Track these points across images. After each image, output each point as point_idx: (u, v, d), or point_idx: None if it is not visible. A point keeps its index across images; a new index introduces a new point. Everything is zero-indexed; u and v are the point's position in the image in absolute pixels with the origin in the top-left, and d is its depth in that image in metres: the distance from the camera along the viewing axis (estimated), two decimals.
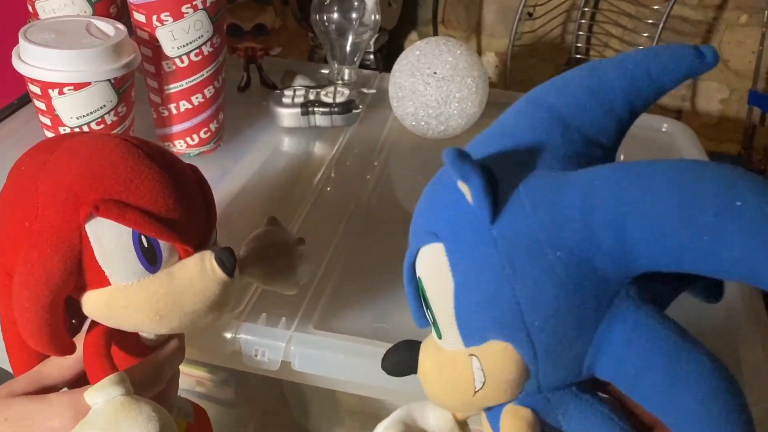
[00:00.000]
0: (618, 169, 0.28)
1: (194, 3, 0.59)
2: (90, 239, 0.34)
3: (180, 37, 0.60)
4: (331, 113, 0.73)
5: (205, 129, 0.66)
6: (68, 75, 0.55)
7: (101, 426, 0.32)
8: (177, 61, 0.62)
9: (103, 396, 0.33)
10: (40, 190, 0.34)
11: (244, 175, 0.68)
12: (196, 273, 0.35)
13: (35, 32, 0.56)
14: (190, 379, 0.60)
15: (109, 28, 0.58)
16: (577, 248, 0.28)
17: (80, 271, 0.34)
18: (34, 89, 0.56)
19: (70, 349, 0.35)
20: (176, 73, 0.62)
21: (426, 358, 0.35)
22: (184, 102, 0.64)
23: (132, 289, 0.34)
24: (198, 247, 0.36)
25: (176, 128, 0.66)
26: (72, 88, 0.55)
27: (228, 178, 0.67)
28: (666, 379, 0.27)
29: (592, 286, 0.28)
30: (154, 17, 0.59)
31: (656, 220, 0.26)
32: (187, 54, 0.61)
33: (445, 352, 0.33)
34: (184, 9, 0.59)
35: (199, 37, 0.61)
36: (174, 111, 0.64)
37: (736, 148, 1.01)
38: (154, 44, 0.61)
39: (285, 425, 0.64)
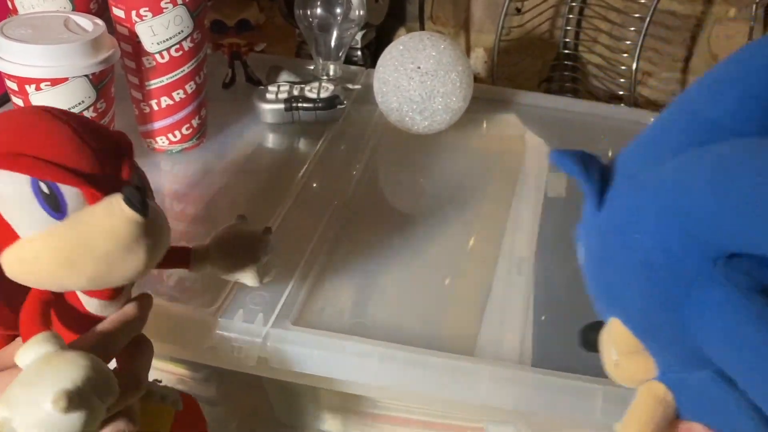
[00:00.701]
0: (697, 157, 0.28)
1: None
2: None
3: (160, 32, 0.60)
4: (315, 109, 0.73)
5: (187, 125, 0.66)
6: (45, 70, 0.54)
7: (26, 382, 0.30)
8: (157, 56, 0.61)
9: (32, 354, 0.31)
10: None
11: (227, 171, 0.68)
12: (104, 213, 0.34)
13: (12, 28, 0.56)
14: (172, 377, 0.60)
15: (87, 23, 0.58)
16: (658, 233, 0.28)
17: None
18: (11, 85, 0.56)
19: (14, 325, 0.34)
20: (157, 68, 0.62)
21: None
22: (165, 98, 0.63)
23: (40, 239, 0.33)
24: (105, 191, 0.34)
25: (158, 125, 0.65)
26: (49, 83, 0.55)
27: (211, 174, 0.67)
28: (760, 360, 0.26)
29: (676, 269, 0.28)
30: (133, 12, 0.59)
31: (732, 205, 0.26)
32: (168, 50, 0.61)
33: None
34: (163, 4, 0.59)
35: (179, 33, 0.60)
36: (155, 107, 0.64)
37: None
38: (133, 40, 0.60)
39: (268, 423, 0.63)
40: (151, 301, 0.40)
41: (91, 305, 0.38)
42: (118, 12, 0.60)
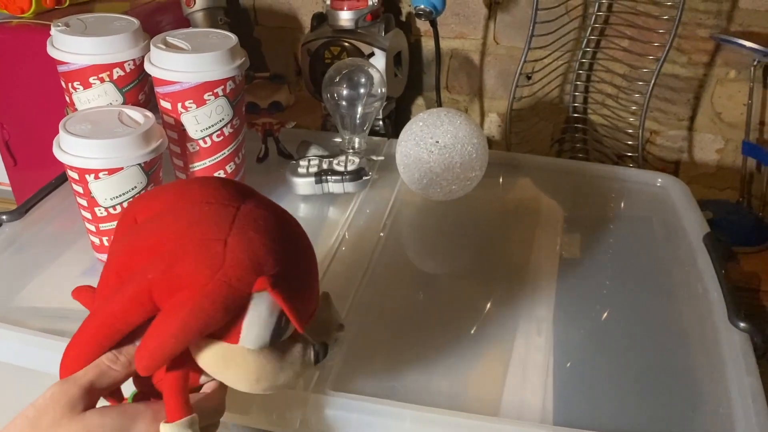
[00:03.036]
0: None
1: (215, 91, 0.65)
2: (251, 305, 0.38)
3: (203, 121, 0.66)
4: (343, 181, 0.78)
5: None
6: (102, 162, 0.60)
7: None
8: (200, 142, 0.68)
9: None
10: (230, 248, 0.38)
11: None
12: (298, 358, 0.41)
13: (73, 124, 0.62)
14: None
15: (138, 116, 0.64)
16: None
17: (227, 326, 0.39)
18: (73, 174, 0.62)
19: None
20: (200, 152, 0.68)
21: None
22: None
23: (251, 354, 0.39)
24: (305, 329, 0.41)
25: None
26: (106, 173, 0.61)
27: None
28: None
29: None
30: (179, 104, 0.66)
31: None
32: (210, 136, 0.67)
33: None
34: (206, 96, 0.65)
35: (221, 120, 0.67)
36: None
37: (735, 195, 1.04)
38: (179, 128, 0.67)
39: None
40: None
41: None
42: (165, 104, 0.67)
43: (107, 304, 0.39)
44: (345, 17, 0.97)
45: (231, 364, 0.40)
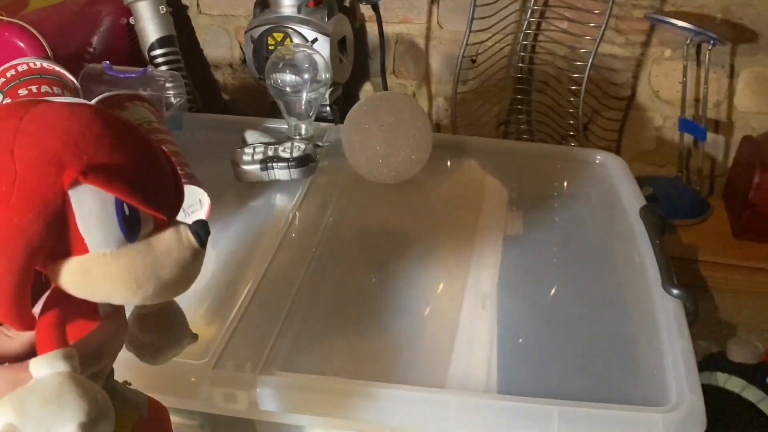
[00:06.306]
0: None
1: None
2: (72, 204, 0.33)
3: None
4: (289, 167, 0.78)
5: None
6: None
7: (43, 396, 0.31)
8: None
9: (50, 368, 0.32)
10: (17, 155, 0.32)
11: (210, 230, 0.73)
12: (174, 243, 0.36)
13: None
14: None
15: None
16: None
17: (60, 237, 0.33)
18: None
19: (32, 325, 0.34)
20: None
21: None
22: None
23: (111, 258, 0.34)
24: (170, 218, 0.37)
25: None
26: None
27: None
28: None
29: None
30: None
31: None
32: None
33: None
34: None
35: None
36: None
37: (675, 171, 1.08)
38: None
39: None
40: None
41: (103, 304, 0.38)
42: None
43: None
44: (287, 3, 0.97)
45: (97, 276, 0.34)
